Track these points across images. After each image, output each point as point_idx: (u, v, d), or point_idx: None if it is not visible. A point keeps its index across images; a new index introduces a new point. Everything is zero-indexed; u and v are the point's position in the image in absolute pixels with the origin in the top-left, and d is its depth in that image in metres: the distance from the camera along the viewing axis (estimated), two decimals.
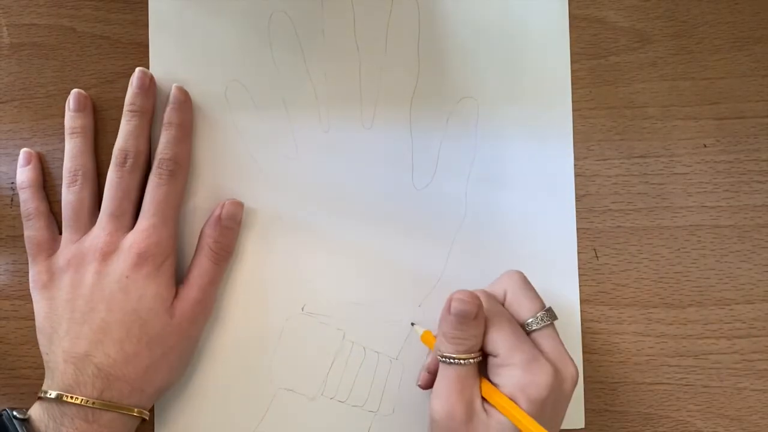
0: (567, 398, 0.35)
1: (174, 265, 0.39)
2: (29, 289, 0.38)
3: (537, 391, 0.33)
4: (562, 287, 0.41)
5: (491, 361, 0.35)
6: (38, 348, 0.40)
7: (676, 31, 0.42)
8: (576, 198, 0.41)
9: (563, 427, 0.40)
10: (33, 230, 0.39)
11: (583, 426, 0.41)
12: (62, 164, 0.41)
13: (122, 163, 0.38)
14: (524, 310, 0.36)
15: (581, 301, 0.41)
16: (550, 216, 0.41)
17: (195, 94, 0.41)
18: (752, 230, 0.41)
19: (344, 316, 0.41)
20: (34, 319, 0.40)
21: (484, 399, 0.35)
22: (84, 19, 0.41)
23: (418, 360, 0.40)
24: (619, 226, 0.41)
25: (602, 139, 0.42)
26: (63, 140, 0.41)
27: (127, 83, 0.40)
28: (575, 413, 0.41)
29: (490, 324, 0.35)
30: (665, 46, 0.42)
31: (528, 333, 0.36)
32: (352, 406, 0.40)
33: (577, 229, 0.41)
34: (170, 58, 0.41)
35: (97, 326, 0.36)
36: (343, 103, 0.41)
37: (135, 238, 0.37)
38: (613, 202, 0.41)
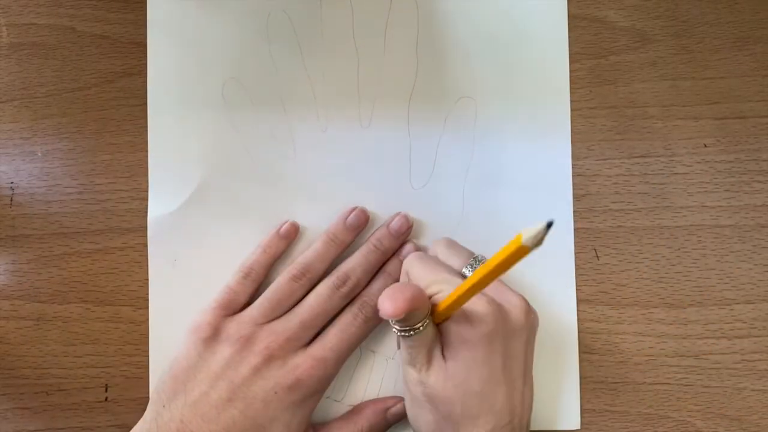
0: (520, 330, 0.35)
1: (318, 401, 0.38)
2: (29, 289, 0.38)
3: (477, 320, 0.33)
4: (559, 287, 0.41)
5: None
6: (38, 348, 0.40)
7: (676, 30, 0.42)
8: (576, 198, 0.41)
9: (560, 427, 0.40)
10: (239, 286, 0.38)
11: (579, 427, 0.41)
12: (62, 164, 0.41)
13: (339, 286, 0.38)
14: (454, 263, 0.37)
15: (581, 301, 0.41)
16: (547, 216, 0.41)
17: (192, 92, 0.41)
18: (753, 230, 0.41)
19: None
20: (33, 319, 0.40)
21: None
22: (84, 19, 0.41)
23: None
24: (619, 226, 0.41)
25: (602, 139, 0.41)
26: (62, 140, 0.41)
27: (128, 83, 0.40)
28: (571, 414, 0.41)
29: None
30: (665, 46, 0.42)
31: None
32: (348, 406, 0.40)
33: (578, 229, 0.41)
34: (168, 56, 0.41)
35: (224, 421, 0.35)
36: (341, 102, 0.41)
37: (303, 363, 0.36)
38: (613, 202, 0.41)
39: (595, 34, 0.42)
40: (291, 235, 0.40)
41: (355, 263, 0.39)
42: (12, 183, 0.41)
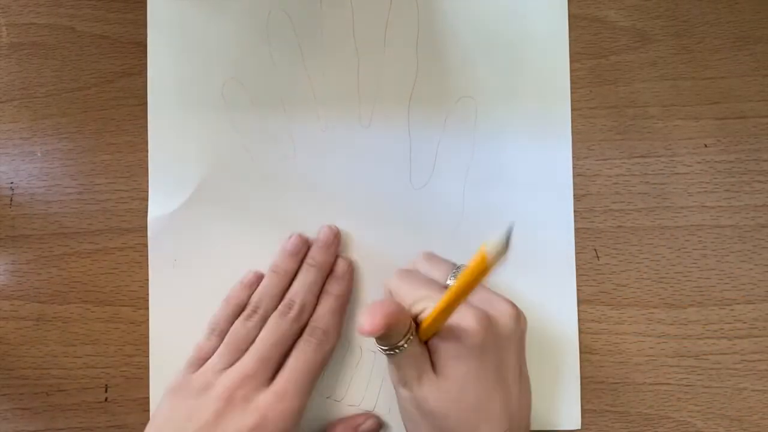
0: (511, 336, 0.35)
1: None
2: (29, 289, 0.38)
3: (466, 335, 0.33)
4: (560, 287, 0.41)
5: None
6: (38, 348, 0.40)
7: (676, 30, 0.42)
8: (576, 198, 0.41)
9: (561, 427, 0.40)
10: (206, 343, 0.38)
11: (579, 427, 0.41)
12: (61, 164, 0.41)
13: (286, 312, 0.38)
14: (437, 276, 0.37)
15: (582, 302, 0.41)
16: (548, 216, 0.41)
17: (192, 92, 0.41)
18: (753, 230, 0.41)
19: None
20: (33, 320, 0.41)
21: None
22: (83, 19, 0.41)
23: None
24: (619, 226, 0.41)
25: (603, 139, 0.41)
26: (62, 140, 0.41)
27: (128, 82, 0.40)
28: (572, 413, 0.41)
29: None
30: (666, 46, 0.42)
31: None
32: (348, 406, 0.40)
33: (578, 229, 0.41)
34: (168, 56, 0.41)
35: None
36: (341, 101, 0.41)
37: (264, 400, 0.36)
38: (613, 202, 0.41)
39: (595, 34, 0.42)
40: (254, 285, 0.39)
41: (296, 286, 0.39)
42: (12, 183, 0.41)
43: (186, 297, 0.40)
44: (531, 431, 0.37)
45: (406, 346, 0.33)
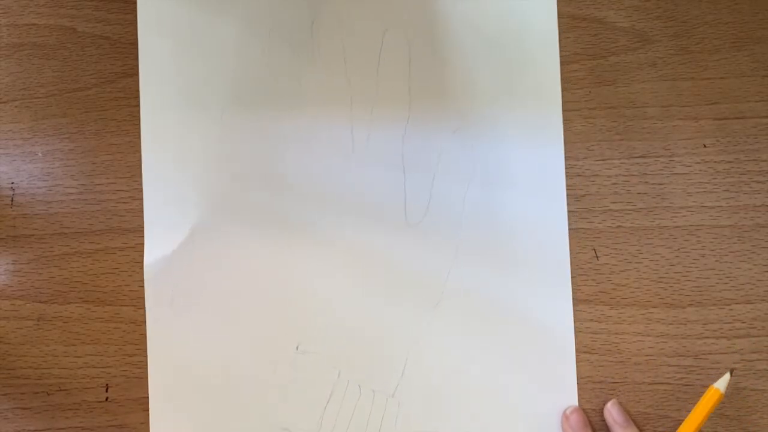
0: None
1: None
2: (30, 289, 0.38)
3: None
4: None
5: None
6: (38, 348, 0.40)
7: (675, 31, 0.42)
8: (576, 198, 0.41)
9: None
10: None
11: None
12: (62, 164, 0.41)
13: None
14: None
15: (581, 301, 0.41)
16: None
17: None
18: (752, 230, 0.41)
19: (339, 354, 0.40)
20: (34, 319, 0.41)
21: None
22: (84, 19, 0.41)
23: (414, 397, 0.40)
24: (619, 226, 0.41)
25: (602, 139, 0.42)
26: (62, 140, 0.41)
27: (128, 83, 0.40)
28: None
29: None
30: (665, 46, 0.42)
31: None
32: None
33: (577, 229, 0.41)
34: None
35: None
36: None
37: None
38: (613, 202, 0.41)
39: (595, 35, 0.42)
40: None
41: None
42: (13, 183, 0.41)
43: (184, 337, 0.40)
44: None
45: None
